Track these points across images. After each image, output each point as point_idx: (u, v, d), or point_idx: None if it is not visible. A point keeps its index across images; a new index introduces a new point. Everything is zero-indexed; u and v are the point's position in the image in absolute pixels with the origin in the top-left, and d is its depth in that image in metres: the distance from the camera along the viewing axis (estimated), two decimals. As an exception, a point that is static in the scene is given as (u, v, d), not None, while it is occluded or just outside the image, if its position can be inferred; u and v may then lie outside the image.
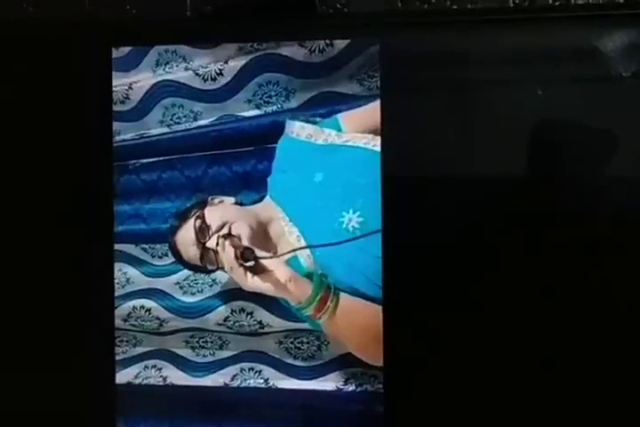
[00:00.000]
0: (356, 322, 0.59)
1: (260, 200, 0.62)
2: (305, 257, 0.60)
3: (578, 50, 0.57)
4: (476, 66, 0.58)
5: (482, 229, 0.57)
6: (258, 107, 0.61)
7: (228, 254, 0.60)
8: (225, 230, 0.61)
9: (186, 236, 0.62)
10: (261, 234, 0.62)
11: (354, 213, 0.59)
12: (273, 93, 0.61)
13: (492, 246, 0.57)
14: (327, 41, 0.60)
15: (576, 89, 0.57)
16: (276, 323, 0.61)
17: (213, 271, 0.62)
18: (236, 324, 0.62)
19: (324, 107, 0.61)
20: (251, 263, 0.59)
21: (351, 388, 0.60)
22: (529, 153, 0.57)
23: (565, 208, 0.57)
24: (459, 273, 0.57)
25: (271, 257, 0.60)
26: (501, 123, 0.57)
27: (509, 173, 0.57)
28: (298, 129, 0.61)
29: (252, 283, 0.60)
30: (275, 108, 0.61)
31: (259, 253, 0.60)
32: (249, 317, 0.62)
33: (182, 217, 0.62)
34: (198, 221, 0.62)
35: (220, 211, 0.62)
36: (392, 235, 0.58)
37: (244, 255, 0.59)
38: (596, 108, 0.56)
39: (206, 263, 0.62)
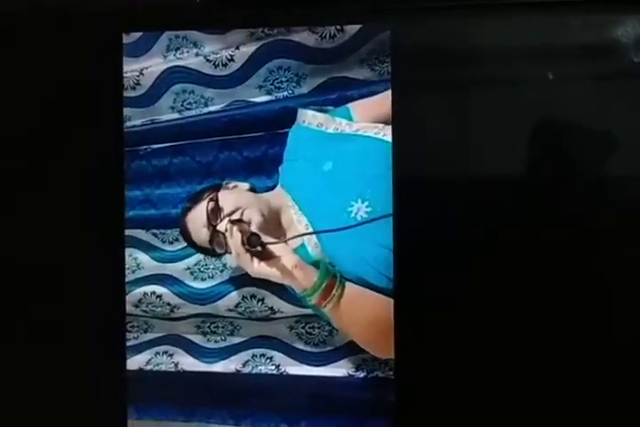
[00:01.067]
0: (362, 312, 0.59)
1: (273, 188, 0.62)
2: (312, 246, 0.60)
3: (596, 33, 0.56)
4: (489, 51, 0.58)
5: (494, 221, 0.57)
6: (269, 92, 0.61)
7: (235, 240, 0.59)
8: (236, 215, 0.61)
9: (197, 217, 0.62)
10: (272, 222, 0.61)
11: (362, 202, 0.59)
12: (284, 79, 0.61)
13: (503, 238, 0.57)
14: (338, 26, 0.59)
15: (595, 76, 0.57)
16: (287, 308, 0.61)
17: (222, 255, 0.62)
18: (247, 310, 0.62)
19: (334, 92, 0.60)
20: (257, 249, 0.59)
21: (362, 374, 0.60)
22: (543, 140, 0.57)
23: (581, 205, 0.56)
24: (469, 265, 0.57)
25: (277, 242, 0.60)
26: (513, 110, 0.57)
27: (524, 162, 0.57)
28: (309, 118, 0.61)
29: (258, 269, 0.59)
30: (285, 93, 0.61)
31: (265, 238, 0.59)
32: (260, 303, 0.62)
33: (195, 198, 0.62)
34: (211, 204, 0.61)
35: (234, 195, 0.62)
36: (403, 225, 0.57)
37: (251, 241, 0.59)
38: (617, 97, 0.56)
39: (215, 246, 0.62)
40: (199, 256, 0.63)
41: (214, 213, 0.61)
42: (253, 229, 0.60)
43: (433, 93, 0.58)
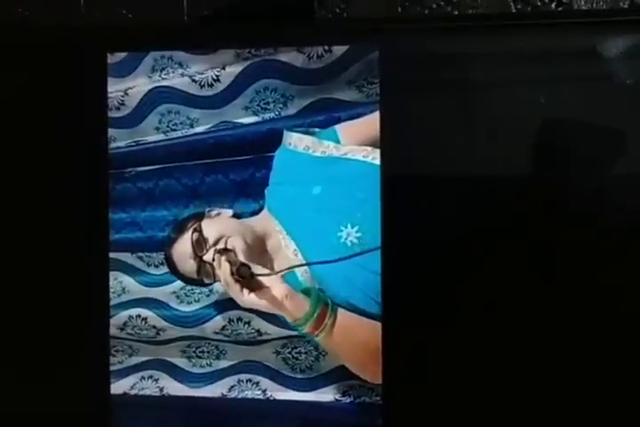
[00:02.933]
0: (355, 339, 0.58)
1: (258, 212, 0.61)
2: (302, 272, 0.59)
3: (581, 56, 0.56)
4: (478, 72, 0.57)
5: (486, 244, 0.56)
6: (255, 113, 0.61)
7: (223, 270, 0.59)
8: (221, 245, 0.60)
9: (182, 249, 0.61)
10: (258, 248, 0.61)
11: (352, 227, 0.58)
12: (271, 100, 0.60)
13: (496, 262, 0.56)
14: (326, 47, 0.59)
15: (578, 95, 0.56)
16: (274, 330, 0.60)
17: (210, 284, 0.61)
18: (234, 332, 0.61)
19: (322, 114, 0.60)
20: (246, 280, 0.59)
21: (349, 400, 0.59)
22: (534, 164, 0.56)
23: (574, 214, 0.56)
24: (460, 289, 0.56)
25: (268, 274, 0.59)
26: (505, 131, 0.56)
27: (515, 185, 0.56)
28: (296, 140, 0.60)
29: (248, 299, 0.59)
30: (272, 114, 0.60)
31: (255, 269, 0.59)
32: (246, 325, 0.61)
33: (179, 229, 0.62)
34: (196, 234, 0.61)
35: (218, 224, 0.61)
36: (392, 250, 0.57)
37: (240, 272, 0.59)
38: (599, 115, 0.56)
39: (203, 277, 0.61)
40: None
41: (199, 244, 0.61)
42: (240, 256, 0.59)
43: (422, 114, 0.58)
